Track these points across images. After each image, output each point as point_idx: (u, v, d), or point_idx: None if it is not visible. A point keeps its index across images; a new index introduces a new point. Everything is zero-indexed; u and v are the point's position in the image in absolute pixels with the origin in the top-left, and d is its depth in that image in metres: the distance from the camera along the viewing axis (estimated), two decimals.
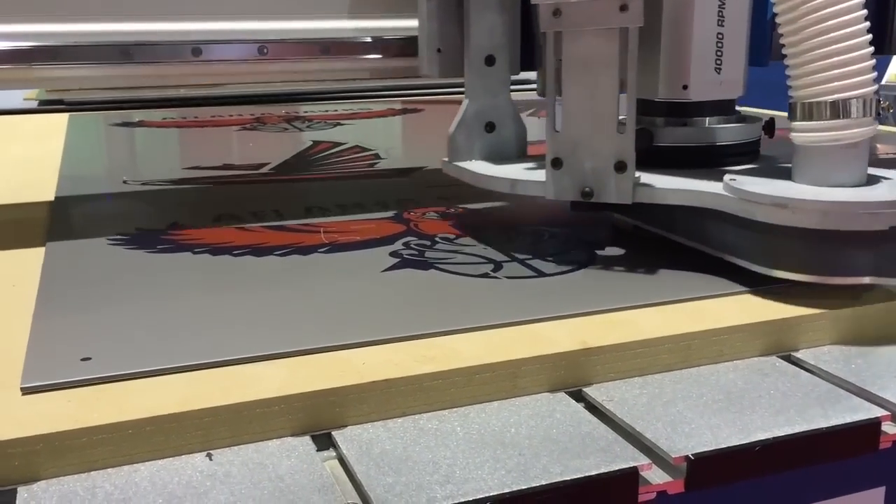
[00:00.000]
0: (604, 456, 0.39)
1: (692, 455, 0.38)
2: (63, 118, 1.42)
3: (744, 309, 0.50)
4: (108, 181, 0.93)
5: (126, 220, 0.72)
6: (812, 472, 0.42)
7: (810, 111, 0.51)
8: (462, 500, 0.35)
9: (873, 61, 0.50)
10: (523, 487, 0.36)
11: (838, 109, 0.50)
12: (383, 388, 0.42)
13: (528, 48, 0.67)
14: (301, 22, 0.72)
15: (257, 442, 0.40)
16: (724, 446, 0.39)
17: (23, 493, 0.36)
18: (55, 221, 0.72)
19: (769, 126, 0.64)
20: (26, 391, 0.40)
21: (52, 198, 0.82)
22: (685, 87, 0.59)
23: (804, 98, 0.51)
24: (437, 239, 0.66)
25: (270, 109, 1.53)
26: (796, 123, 0.52)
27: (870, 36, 0.50)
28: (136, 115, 1.47)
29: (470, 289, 0.55)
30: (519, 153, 0.67)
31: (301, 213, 0.75)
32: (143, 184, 0.89)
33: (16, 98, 1.71)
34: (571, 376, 0.45)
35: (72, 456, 0.37)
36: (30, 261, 0.61)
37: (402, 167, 1.01)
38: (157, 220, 0.72)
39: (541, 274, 0.57)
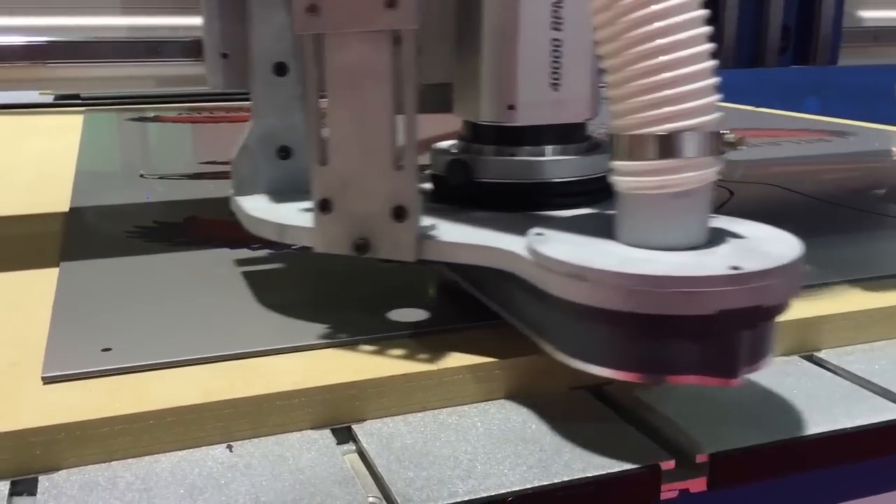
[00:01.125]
0: (626, 453, 0.38)
1: (715, 453, 0.38)
2: (76, 117, 1.42)
3: None
4: (125, 175, 0.93)
5: (143, 214, 0.72)
6: (835, 472, 0.41)
7: (631, 147, 0.37)
8: (484, 495, 0.35)
9: (716, 80, 0.37)
10: (545, 483, 0.36)
11: (668, 145, 0.36)
12: (403, 382, 0.42)
13: None
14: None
15: (277, 434, 0.40)
16: (747, 445, 0.39)
17: (44, 481, 0.36)
18: (73, 214, 0.72)
19: None
20: (47, 381, 0.40)
21: (69, 192, 0.82)
22: (511, 108, 0.46)
23: (624, 129, 0.37)
24: None
25: None
26: (616, 163, 0.38)
27: (711, 46, 0.36)
28: (151, 110, 1.48)
29: None
30: None
31: None
32: (159, 177, 0.90)
33: (32, 93, 1.72)
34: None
35: (93, 445, 0.37)
36: (48, 253, 0.61)
37: None
38: (175, 214, 0.72)
39: None
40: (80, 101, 1.60)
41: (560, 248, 0.39)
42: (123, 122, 1.37)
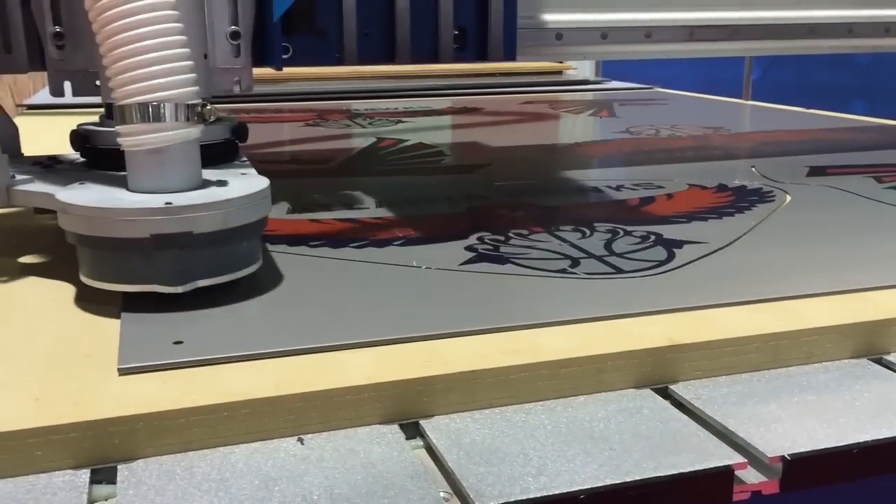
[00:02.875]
0: (697, 453, 0.38)
1: (789, 455, 0.38)
2: None
3: (834, 310, 0.49)
4: None
5: None
6: None
7: (123, 114, 0.48)
8: (556, 492, 0.35)
9: (188, 62, 0.48)
10: (617, 482, 0.36)
11: (148, 113, 0.47)
12: (470, 378, 0.42)
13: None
14: None
15: (346, 428, 0.40)
16: (821, 447, 0.38)
17: (123, 470, 0.37)
18: None
19: (238, 131, 0.62)
20: (123, 372, 0.41)
21: None
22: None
23: (118, 100, 0.48)
24: (510, 234, 0.66)
25: (330, 106, 1.54)
26: (118, 127, 0.49)
27: (184, 38, 0.48)
28: None
29: (549, 284, 0.54)
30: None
31: (371, 207, 0.75)
32: None
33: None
34: (658, 373, 0.45)
35: (170, 436, 0.38)
36: None
37: (466, 164, 1.01)
38: None
39: (619, 271, 0.56)
40: None
41: (72, 193, 0.50)
42: None
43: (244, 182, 0.53)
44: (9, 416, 0.37)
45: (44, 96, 1.87)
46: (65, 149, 0.65)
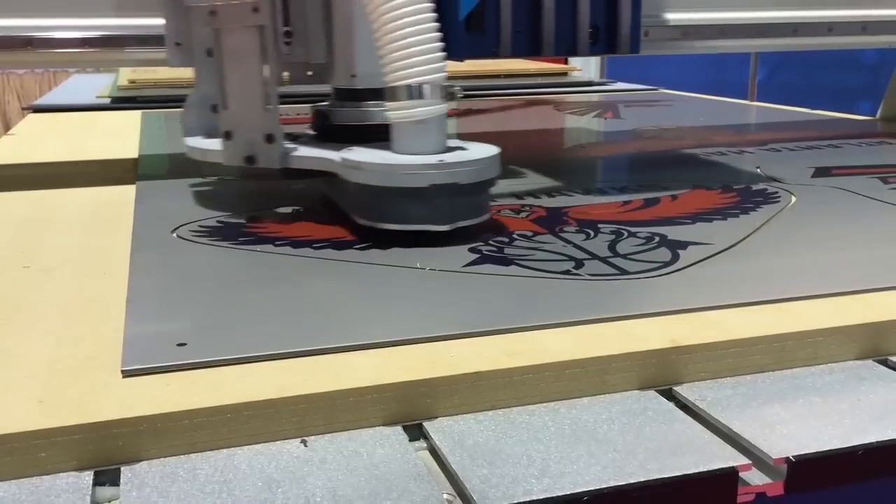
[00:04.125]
0: (701, 455, 0.38)
1: (793, 457, 0.38)
2: (135, 115, 1.45)
3: (839, 311, 0.49)
4: (185, 175, 0.94)
5: (207, 213, 0.73)
6: None
7: (393, 94, 0.61)
8: (559, 493, 0.35)
9: (442, 53, 0.61)
10: (621, 483, 0.36)
11: (413, 92, 0.61)
12: (473, 380, 0.42)
13: None
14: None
15: (350, 430, 0.40)
16: (825, 449, 0.38)
17: (126, 472, 0.37)
18: (139, 214, 0.74)
19: None
20: (126, 374, 0.41)
21: (133, 190, 0.84)
22: (353, 76, 0.73)
23: (389, 83, 0.61)
24: (514, 236, 0.66)
25: None
26: (387, 104, 0.62)
27: (439, 33, 0.61)
28: None
29: (553, 285, 0.54)
30: None
31: None
32: (219, 178, 0.91)
33: (88, 96, 1.76)
34: (662, 374, 0.45)
35: (173, 437, 0.38)
36: (117, 252, 0.62)
37: None
38: (238, 213, 0.73)
39: (624, 272, 0.56)
40: (135, 104, 1.63)
41: (358, 153, 0.64)
42: (179, 123, 1.39)
43: (479, 147, 0.66)
44: (13, 418, 0.37)
45: (48, 99, 1.88)
46: (70, 147, 0.65)
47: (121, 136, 1.23)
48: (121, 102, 1.65)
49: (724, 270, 0.58)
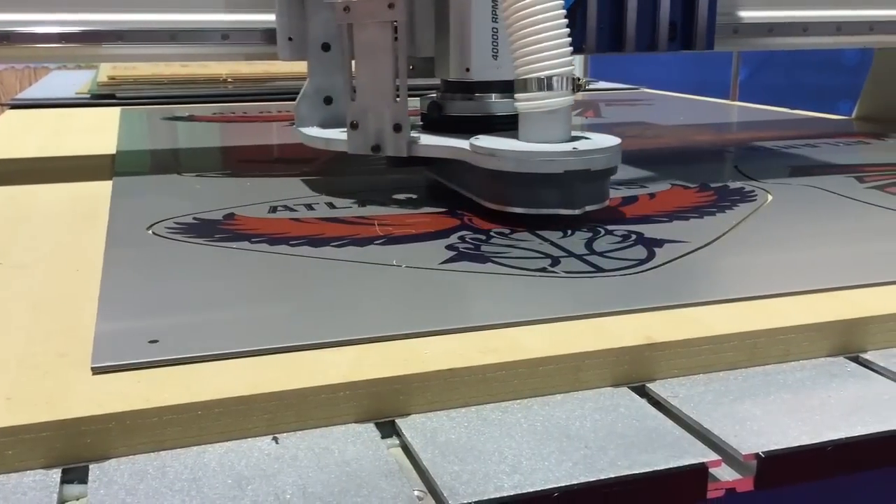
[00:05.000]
0: (672, 451, 0.38)
1: (763, 453, 0.38)
2: (114, 113, 1.44)
3: (811, 308, 0.49)
4: (162, 172, 0.94)
5: (183, 210, 0.72)
6: (886, 474, 0.41)
7: (524, 85, 0.65)
8: (530, 490, 0.35)
9: (570, 48, 0.65)
10: (591, 480, 0.36)
11: (543, 84, 0.64)
12: (446, 377, 0.42)
13: None
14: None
15: (322, 427, 0.40)
16: (795, 445, 0.38)
17: (94, 469, 0.36)
18: (114, 210, 0.73)
19: None
20: (97, 371, 0.41)
21: (109, 187, 0.83)
22: (468, 70, 0.75)
23: (520, 75, 0.65)
24: (491, 234, 0.66)
25: None
26: (517, 94, 0.66)
27: (567, 29, 0.64)
28: (186, 110, 1.49)
29: (529, 282, 0.54)
30: None
31: (354, 206, 0.75)
32: (197, 175, 0.90)
33: (68, 93, 1.75)
34: (635, 371, 0.45)
35: (142, 435, 0.37)
36: (91, 248, 0.62)
37: None
38: (214, 210, 0.73)
39: (599, 270, 0.56)
40: (114, 100, 1.62)
41: (488, 141, 0.68)
42: (158, 120, 1.38)
43: (600, 137, 0.69)
44: None
45: (27, 95, 1.86)
46: (48, 143, 0.65)
47: (99, 132, 1.22)
48: (100, 99, 1.64)
49: (699, 268, 0.58)
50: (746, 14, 1.04)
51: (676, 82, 2.00)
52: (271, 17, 0.84)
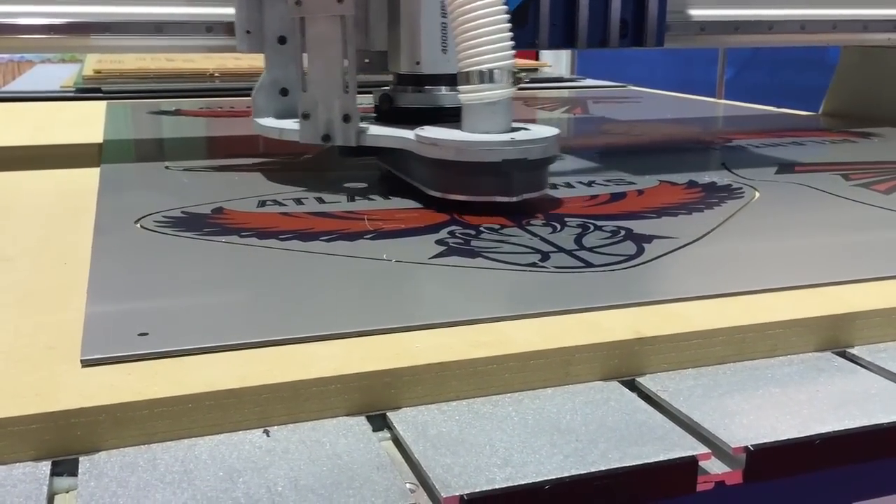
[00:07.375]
0: (661, 444, 0.38)
1: (752, 446, 0.38)
2: (99, 107, 1.43)
3: (799, 304, 0.50)
4: (150, 166, 0.93)
5: (171, 204, 0.72)
6: (873, 467, 0.41)
7: (467, 78, 0.67)
8: (521, 482, 0.35)
9: (512, 42, 0.67)
10: (582, 472, 0.36)
11: (485, 76, 0.66)
12: (438, 370, 0.42)
13: None
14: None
15: (313, 420, 0.40)
16: (783, 438, 0.39)
17: (85, 462, 0.36)
18: (102, 203, 0.73)
19: None
20: (86, 364, 0.41)
21: (96, 180, 0.82)
22: (418, 63, 0.78)
23: (463, 68, 0.67)
24: (481, 228, 0.66)
25: None
26: (460, 87, 0.68)
27: (509, 23, 0.66)
28: (172, 104, 1.48)
29: (519, 277, 0.54)
30: None
31: (343, 201, 0.75)
32: (184, 169, 0.90)
33: (52, 86, 1.73)
34: (625, 365, 0.45)
35: (133, 427, 0.37)
36: (79, 242, 0.62)
37: None
38: (203, 204, 0.72)
39: (589, 265, 0.57)
40: (100, 94, 1.61)
41: (433, 132, 0.70)
42: (144, 114, 1.37)
43: (539, 128, 0.71)
44: None
45: (10, 88, 1.84)
46: (32, 136, 0.64)
47: (85, 126, 1.21)
48: (85, 92, 1.63)
49: (687, 264, 0.58)
50: (714, 12, 1.07)
51: (663, 80, 2.01)
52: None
